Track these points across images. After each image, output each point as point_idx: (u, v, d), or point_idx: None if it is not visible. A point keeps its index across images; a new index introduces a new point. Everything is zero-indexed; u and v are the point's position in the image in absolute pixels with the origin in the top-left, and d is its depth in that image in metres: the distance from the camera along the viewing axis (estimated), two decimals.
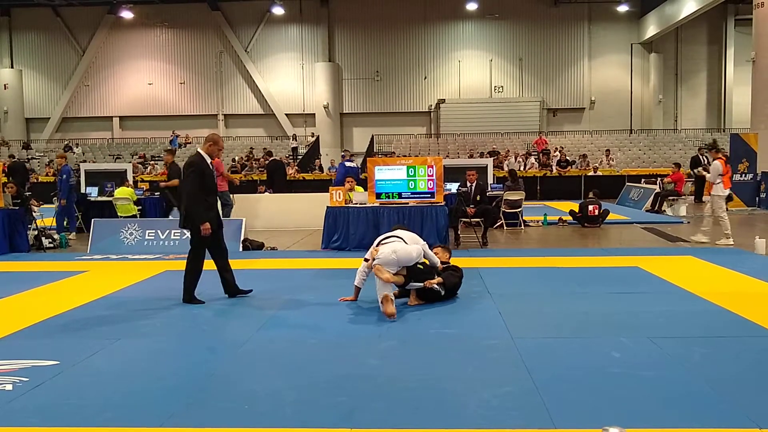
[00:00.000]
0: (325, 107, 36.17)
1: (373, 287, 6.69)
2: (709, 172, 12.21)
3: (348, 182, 12.94)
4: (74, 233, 13.90)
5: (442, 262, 7.39)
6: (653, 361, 4.96)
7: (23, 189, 14.18)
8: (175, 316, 6.76)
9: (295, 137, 34.07)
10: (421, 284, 6.84)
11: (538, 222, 15.02)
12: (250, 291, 7.67)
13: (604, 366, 4.87)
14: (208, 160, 7.28)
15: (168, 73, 37.68)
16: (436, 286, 6.88)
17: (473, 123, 34.75)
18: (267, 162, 20.80)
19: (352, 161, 18.12)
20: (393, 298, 6.46)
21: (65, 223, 13.66)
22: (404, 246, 6.75)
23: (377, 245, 6.88)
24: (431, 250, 7.30)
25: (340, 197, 11.61)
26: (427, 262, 7.10)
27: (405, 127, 36.07)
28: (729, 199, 11.92)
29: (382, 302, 6.41)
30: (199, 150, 7.40)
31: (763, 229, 14.04)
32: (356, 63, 36.85)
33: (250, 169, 27.20)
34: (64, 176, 13.47)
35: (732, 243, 11.49)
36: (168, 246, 11.80)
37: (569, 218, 15.32)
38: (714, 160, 12.00)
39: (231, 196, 14.03)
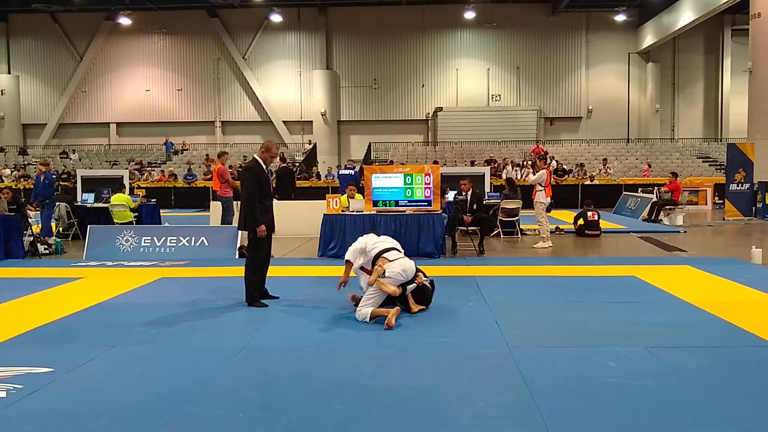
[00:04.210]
0: (322, 115, 36.24)
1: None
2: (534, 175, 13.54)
3: (349, 189, 12.94)
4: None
5: None
6: (649, 370, 4.96)
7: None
8: (170, 323, 6.73)
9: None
10: (415, 284, 6.93)
11: (535, 231, 14.99)
12: (277, 297, 7.78)
13: (600, 375, 4.86)
14: (264, 166, 7.52)
15: (165, 80, 37.74)
16: (425, 280, 7.05)
17: (470, 131, 34.87)
18: (277, 167, 20.74)
19: (350, 169, 18.14)
20: (392, 310, 6.44)
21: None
22: (410, 262, 6.86)
23: (380, 255, 6.84)
24: None
25: (336, 205, 11.61)
26: None
27: (402, 135, 36.17)
28: (549, 208, 13.28)
29: (372, 317, 6.42)
30: (255, 156, 7.60)
31: (760, 238, 14.07)
32: (354, 71, 36.95)
33: None
34: (47, 182, 14.34)
35: (550, 245, 12.62)
36: (164, 253, 11.78)
37: (566, 227, 15.33)
38: (540, 169, 13.27)
39: (234, 203, 13.88)
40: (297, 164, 29.50)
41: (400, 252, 6.97)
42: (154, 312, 7.16)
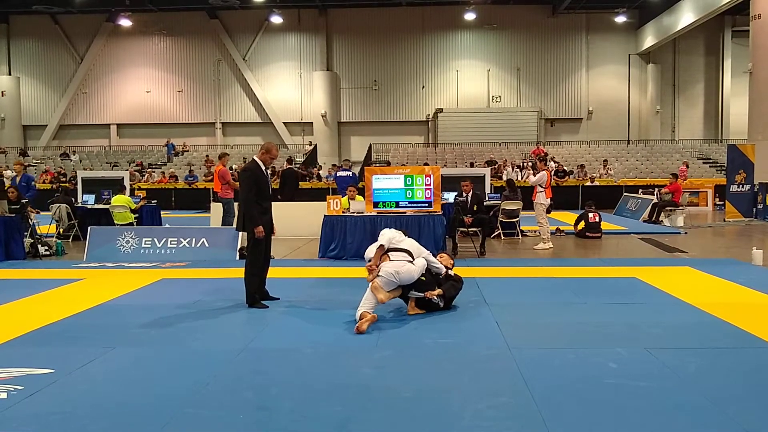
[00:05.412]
0: (323, 116, 36.23)
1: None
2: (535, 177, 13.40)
3: (350, 191, 12.95)
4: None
5: (445, 268, 7.38)
6: (650, 372, 4.96)
7: None
8: (170, 324, 6.73)
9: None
10: (422, 294, 6.86)
11: (535, 232, 14.99)
12: (277, 299, 7.78)
13: (600, 376, 4.86)
14: (263, 168, 7.54)
15: (166, 81, 37.73)
16: (435, 297, 6.90)
17: (471, 132, 34.83)
18: (283, 168, 20.82)
19: (346, 170, 18.15)
20: (370, 315, 6.38)
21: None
22: (408, 267, 6.70)
23: (386, 251, 6.83)
24: (435, 257, 7.35)
25: (337, 206, 11.61)
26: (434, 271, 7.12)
27: (403, 137, 36.13)
28: (549, 210, 13.15)
29: (360, 317, 6.36)
30: (255, 157, 7.64)
31: (761, 240, 14.07)
32: (354, 72, 36.94)
33: None
34: (23, 183, 14.16)
35: (551, 246, 12.63)
36: (164, 254, 11.78)
37: (567, 228, 15.34)
38: (541, 171, 13.21)
39: (235, 205, 13.86)
40: (300, 166, 29.46)
41: (409, 257, 6.84)
42: (155, 313, 7.16)
